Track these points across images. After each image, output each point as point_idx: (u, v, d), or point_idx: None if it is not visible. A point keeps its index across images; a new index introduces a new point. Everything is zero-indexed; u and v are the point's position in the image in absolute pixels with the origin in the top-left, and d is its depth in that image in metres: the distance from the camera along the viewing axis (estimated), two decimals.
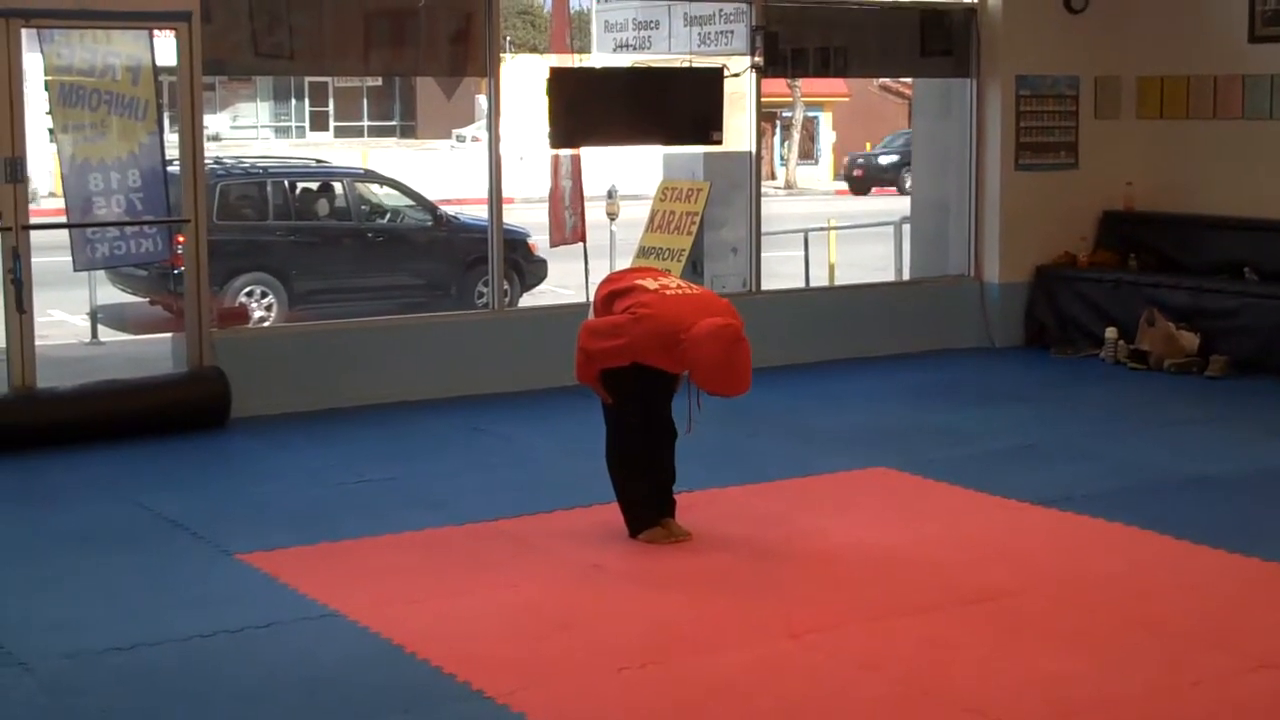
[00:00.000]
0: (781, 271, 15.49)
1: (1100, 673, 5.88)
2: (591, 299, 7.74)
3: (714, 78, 12.12)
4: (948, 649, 6.14)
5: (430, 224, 16.51)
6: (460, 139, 41.14)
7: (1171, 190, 13.28)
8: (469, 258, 15.58)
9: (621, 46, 13.89)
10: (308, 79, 47.58)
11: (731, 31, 12.71)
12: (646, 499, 7.63)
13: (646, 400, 7.55)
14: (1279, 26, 12.54)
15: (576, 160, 12.77)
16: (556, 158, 12.51)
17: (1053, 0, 13.22)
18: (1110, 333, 12.56)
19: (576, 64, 13.00)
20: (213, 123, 42.37)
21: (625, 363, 7.32)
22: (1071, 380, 12.01)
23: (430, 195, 17.26)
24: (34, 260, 9.83)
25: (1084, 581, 7.03)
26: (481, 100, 31.86)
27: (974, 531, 7.85)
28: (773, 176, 39.94)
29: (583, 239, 13.11)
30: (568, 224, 13.02)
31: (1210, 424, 10.44)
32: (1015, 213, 13.25)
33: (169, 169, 10.50)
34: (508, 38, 14.23)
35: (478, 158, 13.41)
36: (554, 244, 13.81)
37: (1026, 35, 13.17)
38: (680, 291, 7.44)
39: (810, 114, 42.80)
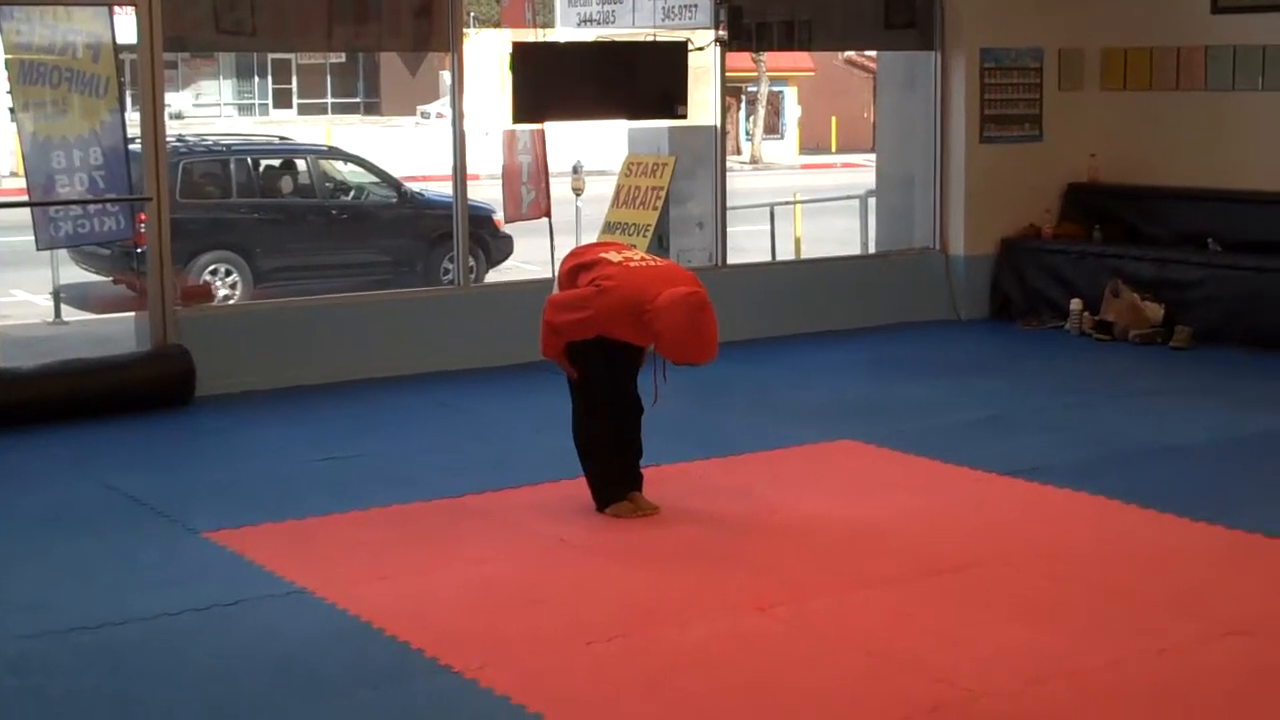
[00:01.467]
0: (747, 246, 15.50)
1: (1069, 642, 5.90)
2: (556, 274, 7.72)
3: (678, 51, 12.10)
4: (916, 620, 6.16)
5: (395, 201, 16.45)
6: (425, 115, 41.01)
7: (1135, 162, 13.31)
8: (434, 234, 15.53)
9: (585, 21, 13.87)
10: (270, 56, 47.33)
11: (695, 5, 12.69)
12: (613, 473, 7.62)
13: (612, 375, 7.54)
14: None
15: (541, 135, 12.74)
16: (511, 134, 12.47)
17: None
18: (1075, 304, 12.60)
19: (540, 39, 12.97)
20: (175, 100, 42.18)
21: (590, 335, 7.30)
22: (1037, 352, 12.04)
23: (395, 172, 17.20)
24: None
25: (1052, 551, 7.04)
26: (445, 76, 31.81)
27: (942, 503, 7.87)
28: (738, 151, 39.89)
29: (548, 214, 13.11)
30: (525, 200, 13.01)
31: (1176, 394, 10.48)
32: (980, 185, 13.27)
33: (131, 147, 10.43)
34: (471, 13, 14.14)
35: (442, 134, 13.38)
36: (509, 219, 13.81)
37: (990, 7, 13.17)
38: (644, 264, 7.43)
39: (775, 88, 42.75)
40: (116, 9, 10.25)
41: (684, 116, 12.22)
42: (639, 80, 12.01)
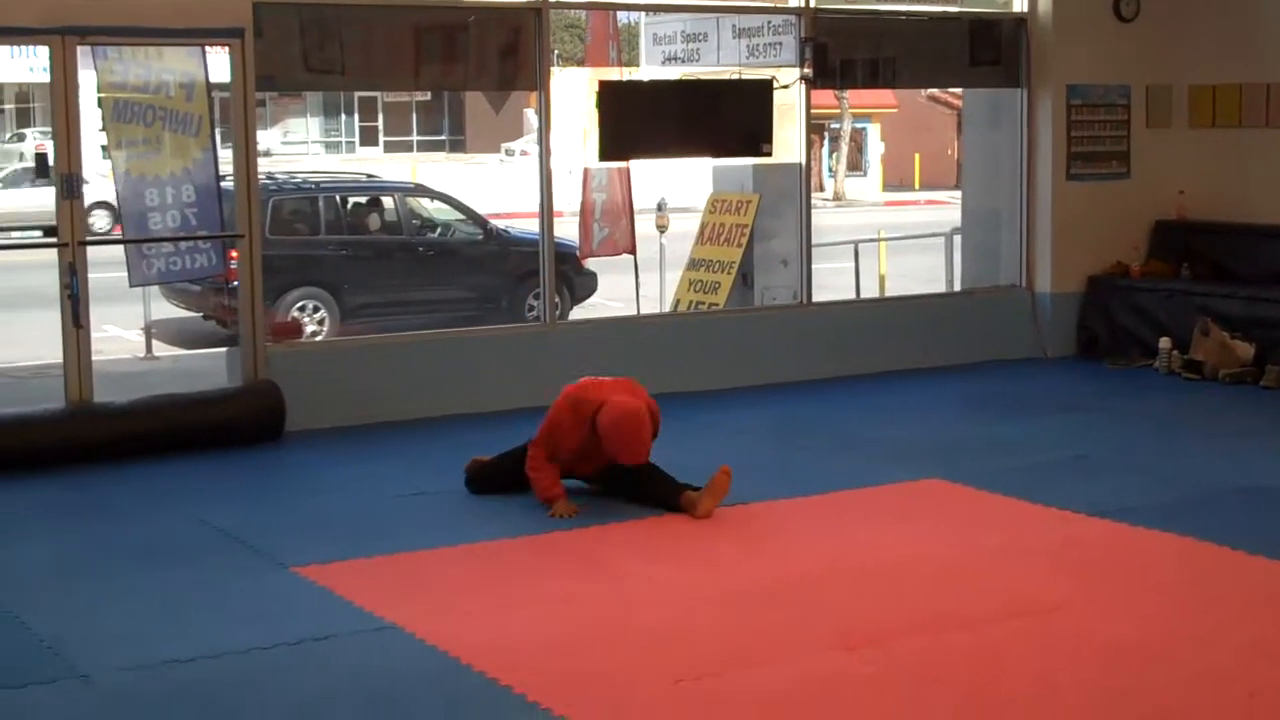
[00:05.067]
0: (832, 283, 15.48)
1: (1157, 686, 5.85)
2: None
3: (763, 89, 12.13)
4: (1003, 663, 6.12)
5: (480, 238, 16.56)
6: (509, 153, 41.25)
7: (1224, 199, 13.20)
8: (520, 271, 15.63)
9: (670, 59, 13.91)
10: (357, 94, 47.81)
11: (780, 43, 12.71)
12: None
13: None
14: None
15: (625, 173, 12.80)
16: (587, 171, 12.54)
17: (1103, 9, 13.18)
18: (1164, 343, 12.50)
19: (624, 77, 13.04)
20: (263, 138, 42.47)
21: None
22: (1125, 391, 11.95)
23: (480, 209, 17.32)
24: (90, 276, 9.91)
25: (1139, 594, 6.99)
26: (530, 114, 31.94)
27: (1028, 543, 7.82)
28: (821, 188, 39.89)
29: (631, 251, 13.15)
30: (596, 237, 13.06)
31: (1266, 435, 10.36)
32: (1067, 222, 13.21)
33: (222, 184, 10.57)
34: (555, 51, 14.23)
35: (526, 171, 13.46)
36: (582, 256, 13.88)
37: (1077, 44, 13.12)
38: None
39: (858, 125, 42.73)
40: (209, 49, 10.40)
41: (769, 154, 12.26)
42: (724, 118, 12.06)
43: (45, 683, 5.95)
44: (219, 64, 10.39)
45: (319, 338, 14.73)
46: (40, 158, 28.73)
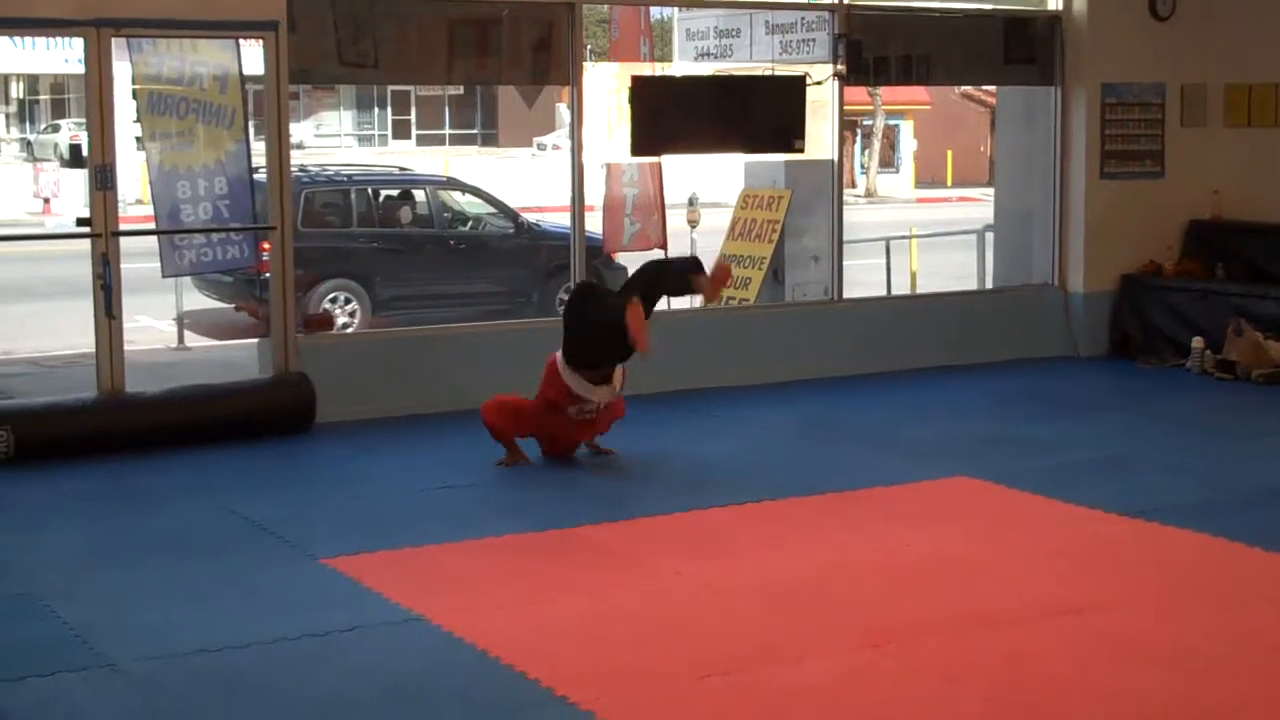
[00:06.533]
0: (863, 280, 15.46)
1: (1189, 687, 5.82)
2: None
3: (796, 86, 12.11)
4: (1031, 662, 6.10)
5: (512, 231, 16.56)
6: (541, 147, 41.30)
7: (1259, 199, 13.14)
8: (551, 265, 15.63)
9: (703, 55, 13.90)
10: (390, 88, 47.90)
11: (814, 39, 12.69)
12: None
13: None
14: None
15: (657, 168, 12.79)
16: (615, 166, 12.54)
17: (1138, 7, 13.12)
18: (1197, 342, 12.43)
19: (656, 72, 13.03)
20: (296, 131, 42.63)
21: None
22: (1157, 390, 11.90)
23: (511, 203, 17.34)
24: (123, 266, 9.95)
25: (1171, 594, 6.96)
26: (562, 108, 31.97)
27: (1059, 543, 7.79)
28: (853, 185, 39.80)
29: (663, 246, 13.14)
30: (628, 232, 13.05)
31: None
32: (1100, 221, 13.15)
33: (255, 176, 10.60)
34: (588, 46, 14.25)
35: (558, 165, 13.47)
36: (609, 251, 13.88)
37: (1112, 43, 13.06)
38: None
39: (891, 122, 42.64)
40: (243, 41, 10.43)
41: (801, 150, 12.23)
42: (756, 114, 12.04)
43: (74, 670, 5.98)
44: (253, 57, 10.42)
45: (350, 330, 14.76)
46: (74, 148, 28.88)
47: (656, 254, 13.18)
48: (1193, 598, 6.90)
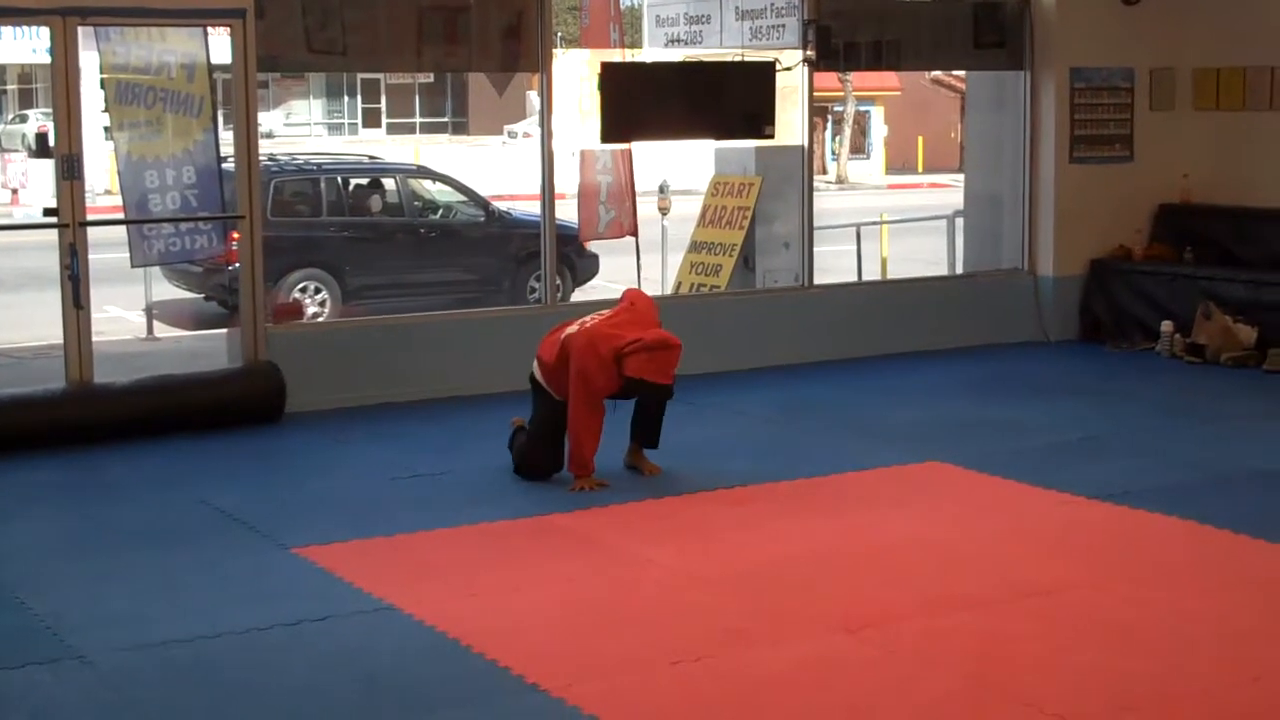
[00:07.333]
0: (834, 266, 15.46)
1: (1160, 668, 5.84)
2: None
3: (766, 71, 12.09)
4: (1005, 644, 6.12)
5: (483, 220, 16.54)
6: (511, 135, 41.22)
7: (1228, 183, 13.17)
8: (521, 253, 15.62)
9: (673, 41, 13.88)
10: (360, 76, 47.76)
11: (783, 25, 12.68)
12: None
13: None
14: None
15: (627, 155, 12.78)
16: (589, 153, 12.51)
17: None
18: (1166, 326, 12.47)
19: (627, 59, 13.01)
20: (265, 120, 42.59)
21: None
22: (1127, 374, 11.94)
23: (482, 191, 17.30)
24: (91, 256, 9.89)
25: (1142, 576, 6.98)
26: (532, 96, 31.92)
27: (1031, 525, 7.82)
28: (824, 171, 39.83)
29: (634, 234, 13.14)
30: (603, 219, 13.04)
31: (1269, 418, 10.36)
32: (1070, 206, 13.18)
33: (223, 166, 10.55)
34: (558, 33, 14.24)
35: (528, 153, 13.44)
36: (584, 239, 13.87)
37: (1081, 27, 13.08)
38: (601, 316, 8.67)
39: (862, 108, 42.66)
40: (210, 29, 10.37)
41: (771, 136, 12.22)
42: (726, 100, 12.01)
43: (44, 662, 5.95)
44: (220, 45, 10.36)
45: (320, 319, 14.72)
46: (42, 138, 28.72)
47: (628, 240, 13.20)
48: (1164, 580, 6.92)
